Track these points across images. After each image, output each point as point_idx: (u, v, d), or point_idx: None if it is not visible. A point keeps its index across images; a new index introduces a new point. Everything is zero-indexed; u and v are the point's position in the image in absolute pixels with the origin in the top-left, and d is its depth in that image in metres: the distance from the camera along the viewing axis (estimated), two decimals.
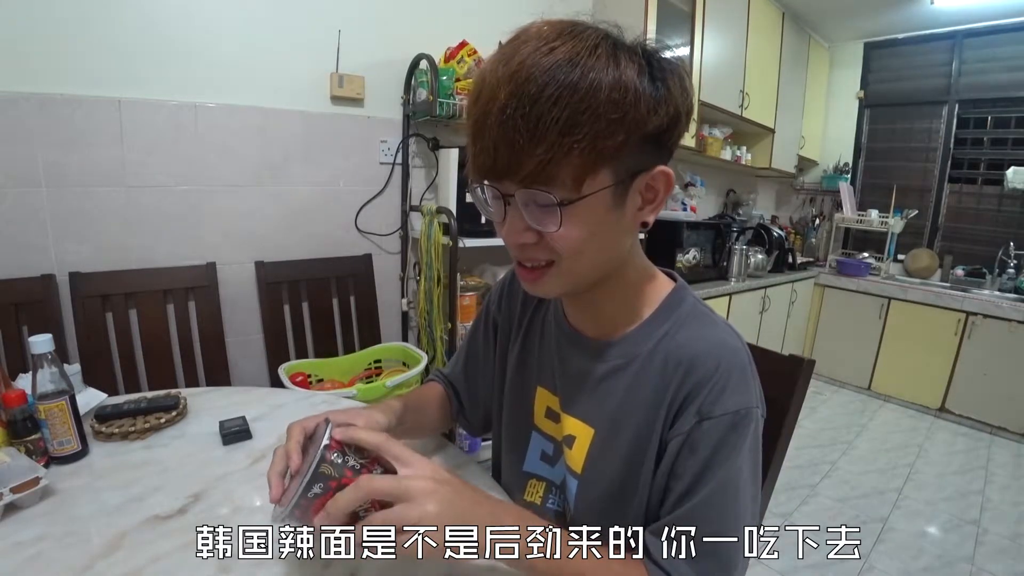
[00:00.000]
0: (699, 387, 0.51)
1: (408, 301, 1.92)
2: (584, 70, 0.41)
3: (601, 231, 0.48)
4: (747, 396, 0.51)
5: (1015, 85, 2.90)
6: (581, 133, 0.41)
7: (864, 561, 1.67)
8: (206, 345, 1.53)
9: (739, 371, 0.51)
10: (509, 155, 0.43)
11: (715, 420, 0.50)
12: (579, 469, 0.59)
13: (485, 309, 0.78)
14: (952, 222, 3.26)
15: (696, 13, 2.29)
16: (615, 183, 0.45)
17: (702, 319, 0.57)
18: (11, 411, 0.71)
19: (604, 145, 0.42)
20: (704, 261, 2.55)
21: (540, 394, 0.66)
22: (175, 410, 0.89)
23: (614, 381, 0.57)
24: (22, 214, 1.28)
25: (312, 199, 1.70)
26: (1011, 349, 2.57)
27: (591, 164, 0.43)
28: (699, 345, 0.53)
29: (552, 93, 0.40)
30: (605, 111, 0.41)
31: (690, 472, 0.50)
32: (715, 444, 0.50)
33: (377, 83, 1.75)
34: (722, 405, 0.50)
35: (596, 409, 0.58)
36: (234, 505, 0.67)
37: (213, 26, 1.44)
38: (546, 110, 0.40)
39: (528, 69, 0.41)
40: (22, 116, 1.24)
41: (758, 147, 3.14)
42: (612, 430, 0.57)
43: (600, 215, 0.46)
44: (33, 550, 0.57)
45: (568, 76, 0.40)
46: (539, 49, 0.42)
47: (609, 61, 0.42)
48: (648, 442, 0.54)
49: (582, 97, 0.40)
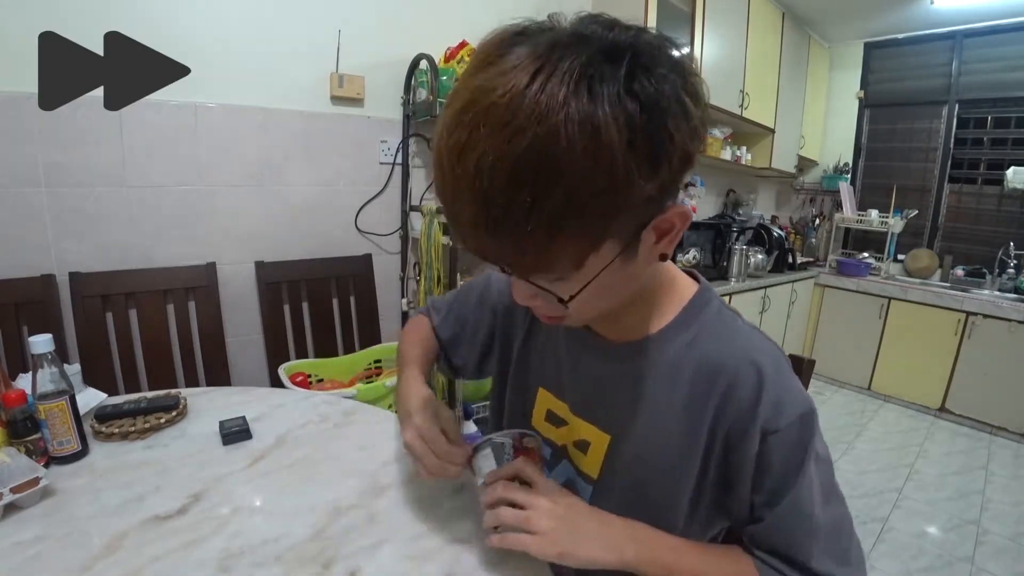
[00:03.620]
0: (750, 403, 0.49)
1: (408, 301, 1.92)
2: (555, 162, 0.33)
3: (616, 285, 0.44)
4: (800, 398, 0.50)
5: (1015, 85, 2.90)
6: (565, 232, 0.36)
7: None
8: (206, 345, 1.53)
9: (785, 375, 0.50)
10: (494, 257, 0.39)
11: (780, 433, 0.49)
12: (595, 475, 0.58)
13: (486, 284, 0.74)
14: (952, 222, 3.26)
15: (696, 13, 2.29)
16: (623, 248, 0.40)
17: (729, 324, 0.54)
18: (11, 411, 0.71)
19: (599, 231, 0.37)
20: (704, 261, 2.55)
21: (541, 396, 0.65)
22: (175, 410, 0.88)
23: (634, 386, 0.54)
24: (22, 214, 1.28)
25: (312, 199, 1.70)
26: (1011, 349, 2.57)
27: (589, 247, 0.38)
28: (734, 357, 0.50)
29: (522, 204, 0.34)
30: (593, 201, 0.34)
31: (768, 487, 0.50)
32: (786, 455, 0.49)
33: (377, 83, 1.75)
34: (784, 416, 0.48)
35: (613, 414, 0.56)
36: (234, 505, 0.67)
37: (213, 26, 1.44)
38: (519, 221, 0.34)
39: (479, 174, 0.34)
40: (22, 116, 1.24)
41: (758, 147, 3.13)
42: (636, 438, 0.55)
43: (611, 277, 0.42)
44: (33, 550, 0.57)
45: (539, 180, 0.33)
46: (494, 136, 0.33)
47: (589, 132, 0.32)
48: (688, 459, 0.52)
49: (561, 200, 0.34)
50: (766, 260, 2.95)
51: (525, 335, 0.68)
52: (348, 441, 0.84)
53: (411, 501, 0.68)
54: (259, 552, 0.58)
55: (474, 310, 0.74)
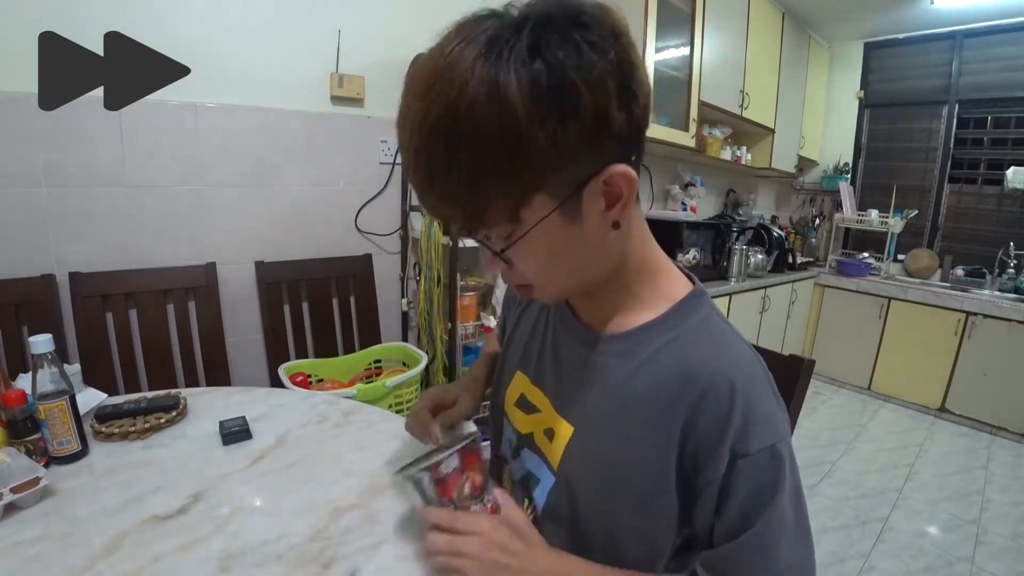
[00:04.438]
0: (722, 420, 0.46)
1: (408, 301, 1.92)
2: (462, 122, 0.36)
3: (565, 248, 0.45)
4: (778, 428, 0.48)
5: (1015, 85, 2.90)
6: (486, 186, 0.39)
7: (864, 561, 1.67)
8: (206, 345, 1.53)
9: (761, 396, 0.48)
10: (439, 215, 0.46)
11: (751, 458, 0.46)
12: (555, 465, 0.56)
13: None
14: (952, 222, 3.26)
15: (696, 13, 2.29)
16: (559, 204, 0.41)
17: (716, 333, 0.51)
18: (11, 411, 0.71)
19: (519, 184, 0.39)
20: (704, 261, 2.55)
21: (517, 379, 0.65)
22: (175, 410, 0.89)
23: (607, 377, 0.53)
24: (22, 214, 1.28)
25: (312, 199, 1.70)
26: (1011, 349, 2.57)
27: (516, 201, 0.41)
28: (709, 369, 0.47)
29: (442, 160, 0.38)
30: (503, 156, 0.37)
31: (733, 515, 0.47)
32: (754, 484, 0.46)
33: (377, 83, 1.75)
34: (757, 440, 0.46)
35: (582, 404, 0.55)
36: (234, 505, 0.67)
37: (213, 26, 1.44)
38: (444, 177, 0.39)
39: (412, 135, 0.39)
40: (22, 116, 1.24)
41: (758, 147, 3.13)
42: (597, 432, 0.53)
43: (554, 236, 0.43)
44: (33, 550, 0.57)
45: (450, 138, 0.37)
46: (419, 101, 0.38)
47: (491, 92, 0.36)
48: (642, 456, 0.50)
49: (472, 155, 0.37)
50: (766, 260, 2.95)
51: (517, 319, 0.69)
52: (348, 441, 0.84)
53: (411, 501, 0.68)
54: (259, 552, 0.58)
55: (505, 310, 0.79)
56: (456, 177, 0.39)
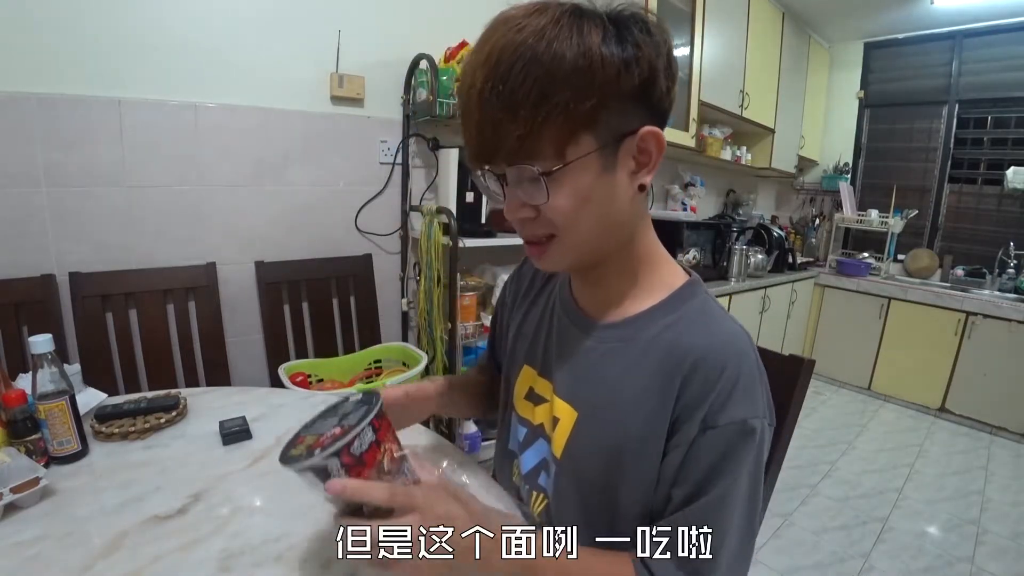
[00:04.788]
0: (705, 392, 0.49)
1: (408, 301, 1.92)
2: (548, 43, 0.42)
3: (595, 197, 0.48)
4: (753, 405, 0.49)
5: (1015, 85, 2.90)
6: (552, 103, 0.43)
7: (864, 561, 1.67)
8: (206, 345, 1.53)
9: (747, 377, 0.50)
10: (491, 134, 0.45)
11: (719, 430, 0.48)
12: (559, 453, 0.58)
13: (501, 294, 0.79)
14: (952, 222, 3.26)
15: (696, 13, 2.29)
16: (600, 147, 0.46)
17: (712, 316, 0.54)
18: (11, 411, 0.71)
19: (577, 112, 0.43)
20: (704, 261, 2.55)
21: (524, 373, 0.66)
22: (175, 410, 0.89)
23: (608, 363, 0.55)
24: (22, 214, 1.28)
25: (312, 199, 1.70)
26: (1011, 349, 2.57)
27: (569, 132, 0.44)
28: (706, 344, 0.51)
29: (520, 70, 0.42)
30: (572, 79, 0.43)
31: (691, 481, 0.49)
32: (718, 455, 0.48)
33: (377, 83, 1.75)
34: (727, 414, 0.48)
35: (585, 391, 0.57)
36: (234, 505, 0.67)
37: (213, 26, 1.44)
38: (517, 86, 0.42)
39: (498, 51, 0.43)
40: (22, 116, 1.24)
41: (758, 147, 3.14)
42: (597, 414, 0.55)
43: (590, 181, 0.47)
44: (33, 550, 0.57)
45: (533, 52, 0.42)
46: (508, 32, 0.44)
47: (572, 31, 0.43)
48: (645, 434, 0.51)
49: (548, 69, 0.42)
50: (766, 260, 2.95)
51: (522, 316, 0.70)
52: None
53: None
54: (259, 552, 0.58)
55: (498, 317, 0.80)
56: (527, 88, 0.42)
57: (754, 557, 0.53)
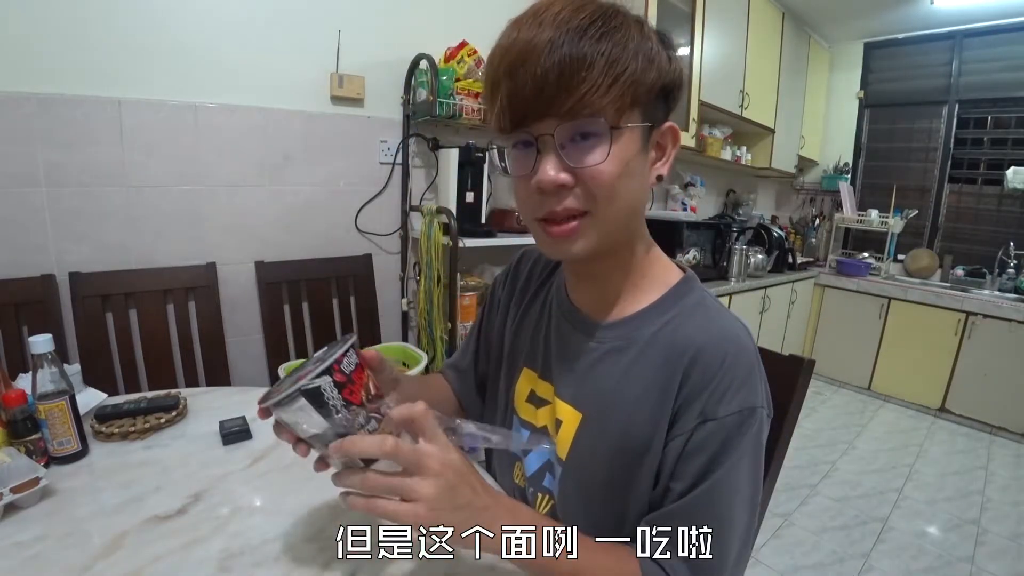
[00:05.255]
0: (704, 383, 0.49)
1: (408, 301, 1.92)
2: (617, 19, 0.45)
3: (633, 173, 0.49)
4: (752, 395, 0.50)
5: (1015, 85, 2.90)
6: (624, 67, 0.44)
7: (864, 561, 1.67)
8: (206, 345, 1.53)
9: (745, 368, 0.50)
10: (556, 85, 0.43)
11: (719, 421, 0.48)
12: (563, 455, 0.58)
13: (491, 293, 0.77)
14: (952, 222, 3.26)
15: (696, 13, 2.29)
16: (644, 124, 0.48)
17: (710, 310, 0.55)
18: (11, 411, 0.71)
19: (641, 81, 0.45)
20: (704, 261, 2.55)
21: (524, 375, 0.66)
22: (175, 410, 0.89)
23: (609, 364, 0.56)
24: (22, 214, 1.28)
25: (312, 199, 1.70)
26: (1011, 349, 2.57)
27: (629, 100, 0.45)
28: (705, 336, 0.51)
29: (596, 31, 0.43)
30: (642, 51, 0.45)
31: (690, 474, 0.49)
32: (717, 446, 0.48)
33: (377, 83, 1.75)
34: (727, 405, 0.48)
35: (587, 392, 0.57)
36: (234, 505, 0.67)
37: (213, 26, 1.44)
38: (592, 44, 0.43)
39: (569, 14, 0.44)
40: (23, 116, 1.24)
41: (758, 147, 3.13)
42: (602, 415, 0.55)
43: (633, 155, 0.48)
44: (33, 550, 0.57)
45: (605, 21, 0.44)
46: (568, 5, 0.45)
47: (629, 18, 0.46)
48: (650, 433, 0.52)
49: (621, 37, 0.44)
50: (766, 260, 2.95)
51: (519, 317, 0.69)
52: None
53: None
54: (259, 552, 0.58)
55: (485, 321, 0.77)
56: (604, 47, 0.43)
57: (754, 557, 0.53)
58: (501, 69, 0.46)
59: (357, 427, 0.44)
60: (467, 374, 0.78)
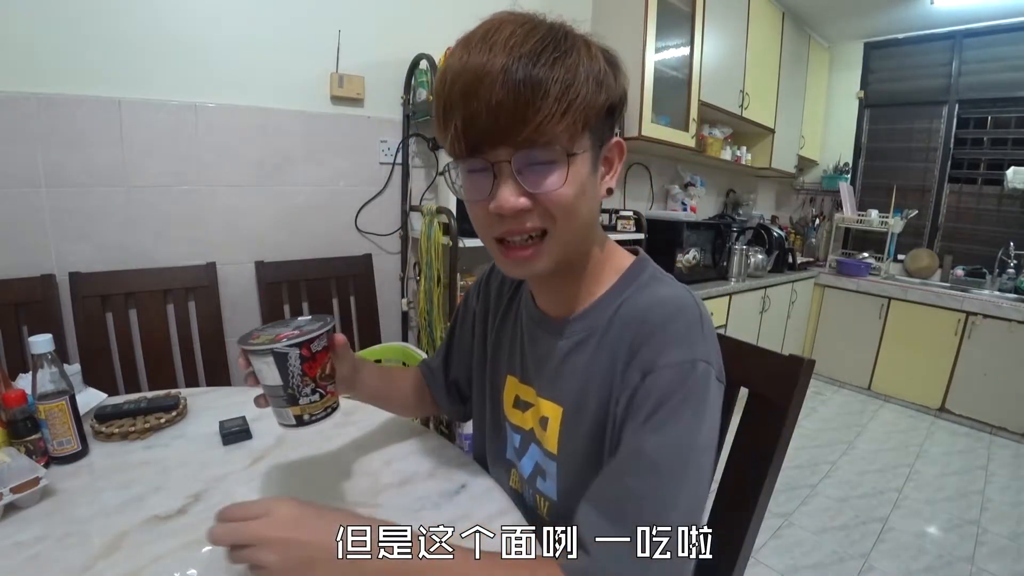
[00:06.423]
0: (645, 340, 0.50)
1: (408, 301, 1.92)
2: (567, 42, 0.45)
3: (587, 193, 0.50)
4: (692, 350, 0.48)
5: (1015, 85, 2.90)
6: (576, 93, 0.44)
7: (864, 561, 1.67)
8: (206, 345, 1.53)
9: (685, 324, 0.50)
10: (512, 115, 0.44)
11: (657, 373, 0.47)
12: (554, 450, 0.59)
13: (464, 302, 0.79)
14: (952, 222, 3.26)
15: (696, 13, 2.29)
16: (593, 147, 0.49)
17: (659, 282, 0.57)
18: (11, 411, 0.71)
19: (592, 104, 0.46)
20: (704, 261, 2.55)
21: (509, 383, 0.67)
22: (175, 410, 0.89)
23: (578, 355, 0.57)
24: (22, 214, 1.28)
25: (312, 199, 1.70)
26: (1011, 349, 2.57)
27: (580, 125, 0.46)
28: (651, 301, 0.54)
29: (549, 57, 0.44)
30: (592, 75, 0.46)
31: (631, 430, 0.47)
32: (658, 395, 0.47)
33: (377, 83, 1.75)
34: (665, 357, 0.48)
35: (563, 386, 0.59)
36: None
37: (213, 26, 1.44)
38: (546, 71, 0.43)
39: (520, 38, 0.44)
40: (23, 116, 1.24)
41: (758, 147, 3.13)
42: (578, 404, 0.57)
43: (585, 177, 0.49)
44: (33, 550, 0.57)
45: (557, 45, 0.44)
46: (518, 29, 0.45)
47: (578, 40, 0.47)
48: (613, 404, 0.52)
49: (573, 63, 0.44)
50: (766, 260, 2.95)
51: (497, 327, 0.70)
52: (348, 441, 0.84)
53: (411, 501, 0.68)
54: None
55: (458, 330, 0.79)
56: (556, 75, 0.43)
57: (754, 557, 0.53)
58: (455, 94, 0.45)
59: (303, 394, 0.54)
60: (437, 373, 0.82)
